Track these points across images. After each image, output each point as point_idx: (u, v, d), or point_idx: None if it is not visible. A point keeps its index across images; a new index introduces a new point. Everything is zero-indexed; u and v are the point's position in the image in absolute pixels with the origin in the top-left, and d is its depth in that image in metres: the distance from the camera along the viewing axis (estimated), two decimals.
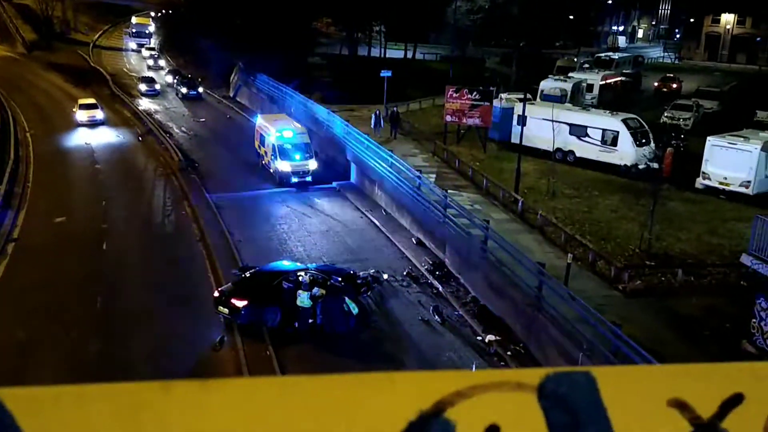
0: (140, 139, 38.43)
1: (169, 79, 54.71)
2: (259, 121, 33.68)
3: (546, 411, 0.95)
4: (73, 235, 24.74)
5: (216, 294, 18.74)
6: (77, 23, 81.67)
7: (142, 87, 51.01)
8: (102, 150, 36.25)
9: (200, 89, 50.47)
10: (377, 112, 37.95)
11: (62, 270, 21.81)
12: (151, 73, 57.33)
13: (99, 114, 41.48)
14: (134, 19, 77.24)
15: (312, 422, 0.91)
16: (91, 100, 42.89)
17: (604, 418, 0.96)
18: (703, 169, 28.42)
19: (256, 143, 33.30)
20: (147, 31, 76.04)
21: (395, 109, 38.66)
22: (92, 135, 39.04)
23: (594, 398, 0.97)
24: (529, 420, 0.94)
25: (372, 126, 36.03)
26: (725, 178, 27.68)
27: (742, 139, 27.72)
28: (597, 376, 0.99)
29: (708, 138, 28.58)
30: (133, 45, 73.17)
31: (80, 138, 38.56)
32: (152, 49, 68.43)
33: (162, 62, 64.04)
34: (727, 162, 27.49)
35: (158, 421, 0.87)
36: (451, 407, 0.93)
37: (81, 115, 40.92)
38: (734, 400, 0.99)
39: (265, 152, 31.81)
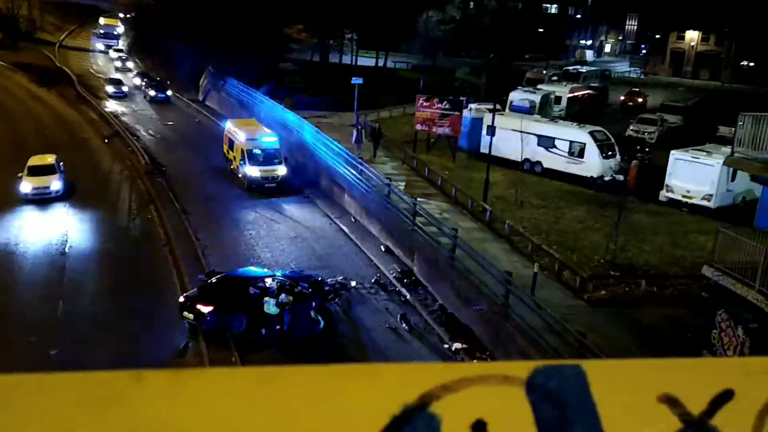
0: (106, 141, 37.79)
1: (137, 81, 53.94)
2: (229, 125, 33.39)
3: (534, 405, 0.92)
4: (35, 237, 24.15)
5: (181, 299, 18.47)
6: (43, 23, 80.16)
7: (110, 89, 50.19)
8: (67, 151, 35.52)
9: (169, 92, 49.86)
10: (359, 127, 36.13)
11: (23, 273, 21.28)
12: (118, 75, 56.47)
13: (54, 184, 28.16)
14: (102, 20, 76.08)
15: (291, 414, 0.86)
16: (48, 160, 29.34)
17: (593, 413, 0.93)
18: (666, 182, 28.96)
19: (225, 148, 32.99)
20: (115, 33, 74.93)
21: (377, 125, 36.66)
22: (56, 136, 38.24)
23: (583, 392, 0.94)
24: (516, 414, 0.91)
25: (353, 142, 34.46)
26: (688, 191, 28.24)
27: (704, 153, 28.33)
28: (586, 370, 0.96)
29: (672, 152, 29.15)
30: (100, 46, 71.98)
31: (44, 138, 37.75)
32: (120, 50, 67.44)
33: (130, 64, 63.16)
34: (690, 175, 28.06)
35: (129, 411, 0.82)
36: (436, 401, 0.89)
37: (26, 186, 27.66)
38: (724, 396, 0.97)
39: (234, 157, 31.52)
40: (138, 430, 0.81)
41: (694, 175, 27.93)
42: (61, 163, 30.01)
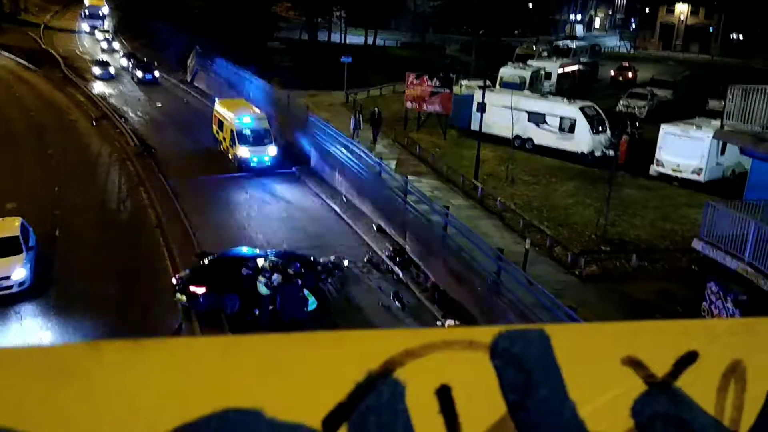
0: (94, 123, 37.48)
1: (124, 62, 53.36)
2: (218, 106, 33.15)
3: (498, 370, 0.92)
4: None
5: (174, 281, 18.45)
6: (27, 3, 79.06)
7: (96, 70, 49.66)
8: (54, 134, 35.25)
9: (156, 73, 49.38)
10: (356, 113, 34.19)
11: None
12: (105, 57, 55.85)
13: (17, 272, 18.66)
14: (87, 1, 75.06)
15: (254, 383, 0.86)
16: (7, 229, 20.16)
17: (557, 377, 0.94)
18: (656, 156, 29.02)
19: (214, 128, 32.78)
20: (100, 13, 73.97)
21: (376, 110, 34.44)
22: (43, 119, 37.92)
23: (547, 356, 0.95)
24: (481, 379, 0.91)
25: (351, 128, 32.96)
26: (678, 166, 28.32)
27: (694, 127, 28.36)
28: (550, 334, 0.97)
29: (662, 126, 29.17)
30: (86, 27, 71.04)
31: (31, 122, 37.43)
32: (106, 31, 66.62)
33: (116, 45, 62.44)
34: (680, 149, 28.12)
35: (86, 384, 0.82)
36: (400, 367, 0.89)
37: None
38: (688, 358, 0.98)
39: (224, 138, 31.34)
40: (97, 403, 0.80)
41: (684, 149, 27.99)
42: (31, 230, 20.34)
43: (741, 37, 76.48)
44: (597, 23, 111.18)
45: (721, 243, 16.86)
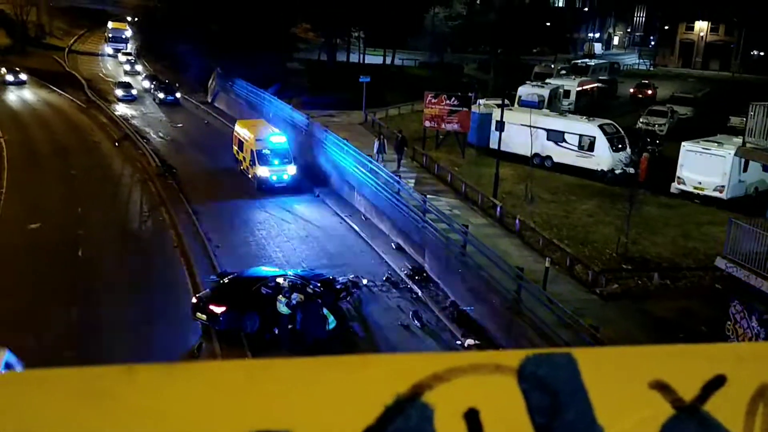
0: (117, 144, 38.01)
1: (146, 84, 54.19)
2: (238, 126, 33.50)
3: (526, 393, 0.93)
4: (48, 241, 24.34)
5: (194, 300, 18.55)
6: (52, 28, 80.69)
7: (119, 92, 50.47)
8: (78, 155, 35.79)
9: (178, 94, 50.06)
10: (381, 137, 33.32)
11: (36, 277, 21.45)
12: (127, 78, 56.75)
13: None
14: (110, 24, 76.47)
15: (283, 406, 0.87)
16: None
17: (585, 400, 0.94)
18: (677, 173, 28.78)
19: (235, 149, 33.09)
20: (123, 36, 75.30)
21: (399, 134, 33.50)
22: (67, 140, 38.53)
23: (575, 380, 0.95)
24: (508, 403, 0.92)
25: (374, 152, 31.70)
26: (699, 183, 28.05)
27: (716, 144, 28.12)
28: (578, 358, 0.97)
29: (683, 143, 28.96)
30: (109, 50, 72.37)
31: (56, 144, 38.04)
32: (129, 54, 67.79)
33: (139, 67, 63.47)
34: (702, 167, 27.87)
35: (122, 406, 0.83)
36: (428, 390, 0.90)
37: None
38: (716, 382, 0.98)
39: (244, 158, 31.62)
40: (130, 425, 0.82)
41: (706, 167, 27.74)
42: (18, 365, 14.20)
43: (762, 53, 75.90)
44: (616, 41, 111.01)
45: (745, 261, 16.62)
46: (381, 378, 0.91)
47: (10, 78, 52.49)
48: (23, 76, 53.37)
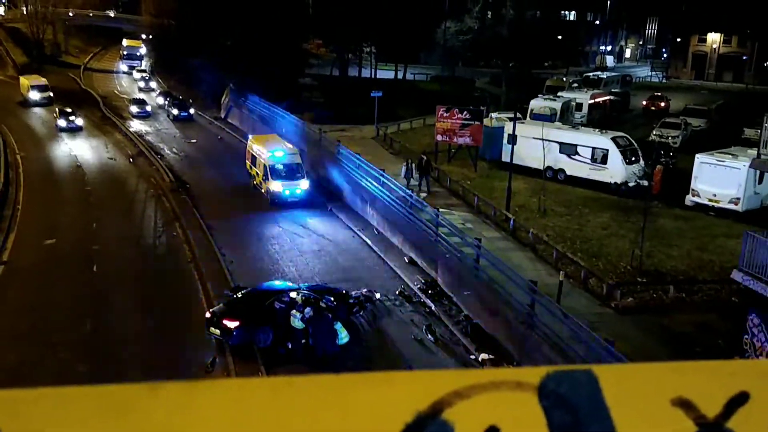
0: (131, 160, 38.35)
1: (160, 100, 54.73)
2: (251, 141, 33.71)
3: (546, 411, 0.92)
4: (63, 257, 24.55)
5: (207, 315, 18.60)
6: (68, 46, 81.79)
7: (133, 109, 51.00)
8: (93, 171, 36.14)
9: (191, 110, 50.49)
10: (408, 162, 32.42)
11: (52, 292, 21.60)
12: (142, 95, 57.36)
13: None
14: (125, 42, 77.45)
15: (304, 423, 0.87)
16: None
17: (606, 418, 0.93)
18: (692, 186, 28.60)
19: (248, 164, 33.28)
20: (138, 54, 76.20)
21: (424, 158, 32.49)
22: (83, 157, 38.92)
23: (596, 397, 0.94)
24: (529, 420, 0.92)
25: (402, 176, 31.09)
26: (714, 195, 27.85)
27: (730, 156, 27.94)
28: (599, 375, 0.96)
29: (696, 155, 28.80)
30: (124, 67, 73.24)
31: (71, 160, 38.44)
32: (143, 71, 68.54)
33: (153, 84, 64.13)
34: (716, 179, 27.68)
35: (145, 423, 0.84)
36: (449, 408, 0.90)
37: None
38: (740, 399, 0.97)
39: (257, 173, 31.78)
40: None
41: (720, 179, 27.55)
42: None
43: None
44: (628, 54, 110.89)
45: (762, 274, 16.45)
46: (402, 395, 0.91)
47: (62, 123, 44.65)
48: (80, 122, 45.41)
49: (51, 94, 53.51)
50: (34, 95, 53.27)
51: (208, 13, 53.15)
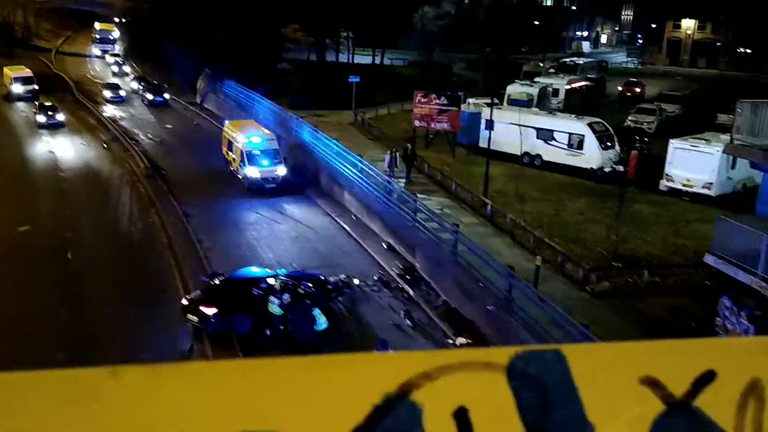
0: (105, 146, 37.80)
1: (135, 85, 53.90)
2: (227, 127, 33.39)
3: (515, 391, 0.92)
4: (37, 244, 24.20)
5: (184, 302, 18.47)
6: (39, 29, 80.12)
7: (107, 94, 50.16)
8: (66, 158, 35.58)
9: (166, 96, 49.81)
10: (392, 151, 31.83)
11: (26, 280, 21.30)
12: (115, 80, 56.40)
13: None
14: (98, 25, 76.00)
15: (271, 406, 0.86)
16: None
17: (575, 397, 0.93)
18: (666, 171, 28.93)
19: (224, 149, 32.98)
20: (111, 37, 74.88)
21: (409, 146, 32.30)
22: (56, 143, 38.28)
23: (564, 377, 0.94)
24: (498, 400, 0.91)
25: (386, 166, 30.49)
26: (688, 180, 28.21)
27: (704, 141, 28.29)
28: (567, 354, 0.96)
29: (671, 141, 29.11)
30: (97, 51, 71.93)
31: (44, 147, 37.80)
32: (117, 55, 67.41)
33: (127, 68, 63.10)
34: (690, 164, 28.03)
35: (107, 408, 0.82)
36: (417, 389, 0.89)
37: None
38: (707, 377, 0.97)
39: (234, 158, 31.51)
40: (115, 427, 0.81)
41: (694, 164, 27.90)
42: None
43: (749, 51, 76.40)
44: (604, 39, 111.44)
45: (734, 257, 16.72)
46: (370, 377, 0.90)
47: (42, 119, 40.97)
48: (61, 117, 41.68)
49: (36, 87, 48.85)
50: (17, 88, 48.39)
51: None
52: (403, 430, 0.88)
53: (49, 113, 41.17)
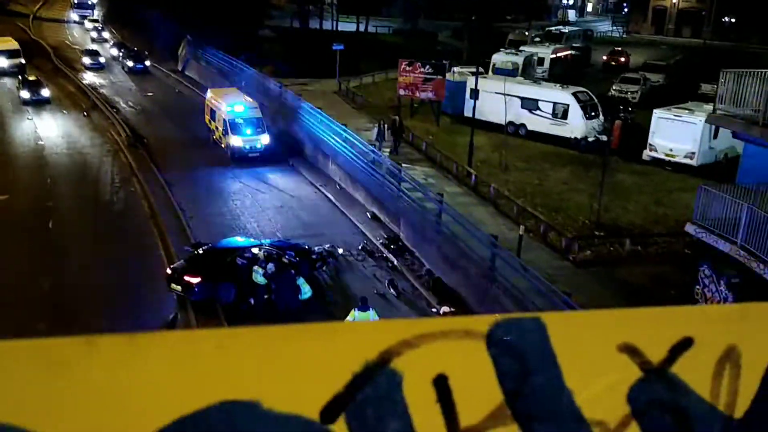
0: (85, 114, 37.24)
1: (114, 52, 52.93)
2: (210, 95, 32.99)
3: (495, 358, 0.93)
4: (16, 214, 23.94)
5: (168, 271, 18.42)
6: None
7: (86, 60, 49.25)
8: (45, 126, 35.04)
9: (147, 63, 49.01)
10: (381, 123, 31.20)
11: (6, 250, 21.11)
12: (95, 46, 55.36)
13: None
14: None
15: (251, 376, 0.86)
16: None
17: (553, 364, 0.94)
18: (649, 141, 29.07)
19: (207, 118, 32.62)
20: (90, 2, 73.30)
21: (397, 118, 31.97)
22: (35, 111, 37.65)
23: (543, 344, 0.95)
24: (477, 368, 0.92)
25: (374, 138, 29.89)
26: (671, 150, 28.38)
27: (687, 111, 28.41)
28: (547, 322, 0.97)
29: (654, 111, 29.20)
30: (75, 16, 70.41)
31: (22, 114, 37.17)
32: (95, 20, 66.03)
33: (106, 34, 61.89)
34: (673, 134, 28.17)
35: (82, 378, 0.81)
36: (397, 357, 0.90)
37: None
38: (684, 344, 0.98)
39: (216, 127, 31.21)
40: (90, 397, 0.80)
41: (677, 134, 28.04)
42: None
43: (733, 20, 76.39)
44: (589, 8, 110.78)
45: (714, 227, 16.93)
46: (350, 345, 0.90)
47: (26, 95, 38.32)
48: (46, 93, 39.02)
49: (22, 61, 45.49)
50: (1, 62, 45.08)
51: None
52: (383, 397, 0.88)
53: (34, 88, 38.59)
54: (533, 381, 0.93)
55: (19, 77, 40.47)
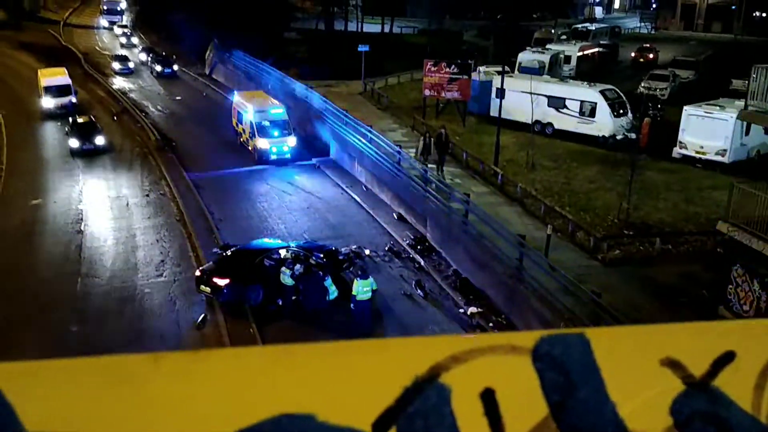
0: (115, 118, 37.83)
1: (143, 57, 53.75)
2: (236, 98, 33.32)
3: (540, 373, 0.95)
4: (50, 217, 24.43)
5: (197, 273, 18.66)
6: (47, 1, 79.75)
7: (116, 65, 50.08)
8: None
9: (175, 67, 49.66)
10: (426, 136, 27.66)
11: (40, 252, 21.56)
12: (124, 51, 56.25)
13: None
14: None
15: (304, 390, 0.90)
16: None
17: (597, 378, 0.96)
18: (679, 138, 28.64)
19: (234, 121, 32.96)
20: (118, 8, 74.51)
21: (443, 131, 27.67)
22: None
23: (587, 359, 0.97)
24: (523, 382, 0.94)
25: (419, 153, 27.05)
26: (701, 147, 27.93)
27: (718, 107, 27.93)
28: (590, 337, 0.99)
29: (684, 107, 28.76)
30: (104, 23, 71.64)
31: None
32: (124, 26, 67.10)
33: (135, 40, 62.86)
34: (704, 131, 27.72)
35: (147, 392, 0.86)
36: (446, 372, 0.93)
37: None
38: (726, 358, 1.00)
39: (243, 130, 31.51)
40: (156, 411, 0.85)
41: (708, 131, 27.59)
42: None
43: (764, 15, 74.94)
44: (617, 4, 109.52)
45: (747, 225, 16.64)
46: (400, 360, 0.94)
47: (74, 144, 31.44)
48: (100, 140, 31.75)
49: (73, 100, 38.15)
50: (47, 102, 37.49)
51: None
52: (432, 411, 0.91)
53: (85, 135, 31.78)
54: (577, 394, 0.96)
55: (69, 120, 33.70)
